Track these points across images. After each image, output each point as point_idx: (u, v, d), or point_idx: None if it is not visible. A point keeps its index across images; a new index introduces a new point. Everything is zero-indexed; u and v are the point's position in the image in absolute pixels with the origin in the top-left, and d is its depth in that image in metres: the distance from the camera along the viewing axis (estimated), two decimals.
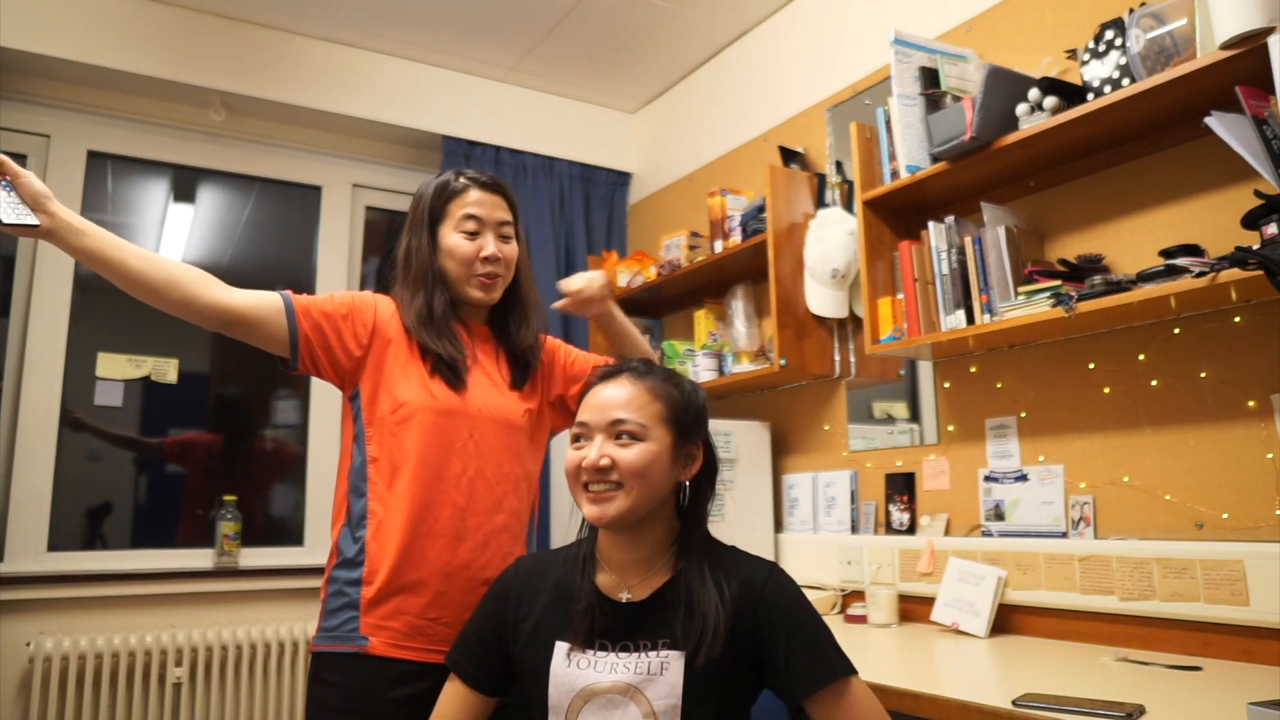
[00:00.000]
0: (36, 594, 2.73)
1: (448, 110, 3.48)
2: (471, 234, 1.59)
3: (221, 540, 3.01)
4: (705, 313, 3.07)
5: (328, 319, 1.53)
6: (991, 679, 1.66)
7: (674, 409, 1.26)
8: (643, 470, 1.20)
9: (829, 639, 1.19)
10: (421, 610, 1.45)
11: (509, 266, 1.64)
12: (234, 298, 1.48)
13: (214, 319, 1.46)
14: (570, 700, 1.19)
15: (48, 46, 2.80)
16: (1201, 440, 1.81)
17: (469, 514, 1.51)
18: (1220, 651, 1.70)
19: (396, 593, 1.45)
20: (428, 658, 1.43)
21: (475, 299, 1.61)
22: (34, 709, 2.61)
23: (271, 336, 1.50)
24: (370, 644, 1.42)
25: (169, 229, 3.26)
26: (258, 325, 1.49)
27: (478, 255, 1.58)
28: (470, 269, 1.59)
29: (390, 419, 1.52)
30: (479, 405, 1.56)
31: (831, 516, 2.63)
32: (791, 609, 1.20)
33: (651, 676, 1.17)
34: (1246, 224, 1.57)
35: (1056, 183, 2.11)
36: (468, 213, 1.60)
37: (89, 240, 1.38)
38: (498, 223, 1.62)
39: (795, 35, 3.04)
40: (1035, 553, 2.03)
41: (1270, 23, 1.48)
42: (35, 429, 2.83)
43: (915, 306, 2.14)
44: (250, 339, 1.51)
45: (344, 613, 1.46)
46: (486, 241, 1.59)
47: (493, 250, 1.59)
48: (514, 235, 1.66)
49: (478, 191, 1.62)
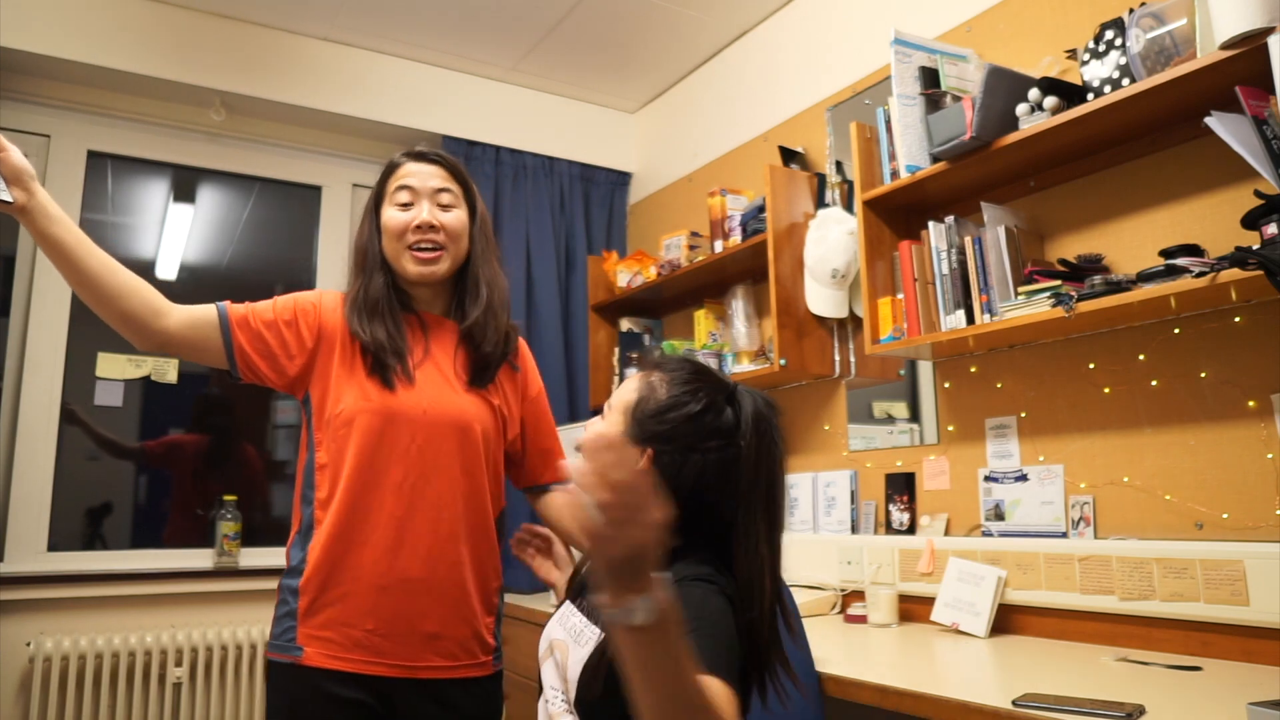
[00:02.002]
0: (36, 594, 2.73)
1: (448, 110, 3.48)
2: (405, 205, 1.52)
3: (221, 540, 3.02)
4: (705, 313, 3.07)
5: (269, 327, 1.48)
6: (991, 679, 1.66)
7: (640, 404, 1.16)
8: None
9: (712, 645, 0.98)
10: (357, 621, 1.40)
11: (453, 238, 1.53)
12: (169, 324, 1.42)
13: (150, 343, 1.42)
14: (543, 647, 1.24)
15: (48, 46, 2.80)
16: (1201, 440, 1.81)
17: (408, 523, 1.43)
18: (1220, 651, 1.70)
19: (331, 603, 1.41)
20: (366, 669, 1.39)
21: (412, 274, 1.51)
22: (34, 709, 2.61)
23: (208, 354, 1.46)
24: (305, 654, 1.39)
25: (169, 229, 3.26)
26: (192, 347, 1.45)
27: (409, 225, 1.50)
28: (402, 241, 1.50)
29: (335, 424, 1.46)
30: (424, 406, 1.47)
31: (831, 516, 2.63)
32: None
33: (579, 643, 1.15)
34: (1246, 224, 1.57)
35: (1056, 183, 2.10)
36: (400, 184, 1.53)
37: (59, 228, 1.33)
38: (433, 191, 1.53)
39: (795, 35, 3.04)
40: (1035, 553, 2.03)
41: (1270, 23, 1.48)
42: (35, 429, 2.83)
43: (915, 306, 2.14)
44: (189, 358, 1.48)
45: (285, 621, 1.43)
46: (420, 210, 1.51)
47: (426, 217, 1.49)
48: (461, 207, 1.56)
49: (413, 163, 1.55)
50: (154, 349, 1.44)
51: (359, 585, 1.41)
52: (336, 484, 1.44)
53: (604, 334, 3.52)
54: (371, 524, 1.43)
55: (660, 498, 0.75)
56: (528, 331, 3.45)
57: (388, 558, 1.42)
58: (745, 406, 1.18)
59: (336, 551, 1.42)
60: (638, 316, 3.51)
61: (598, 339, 3.52)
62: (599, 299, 3.50)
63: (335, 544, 1.42)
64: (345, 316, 1.51)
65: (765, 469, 1.15)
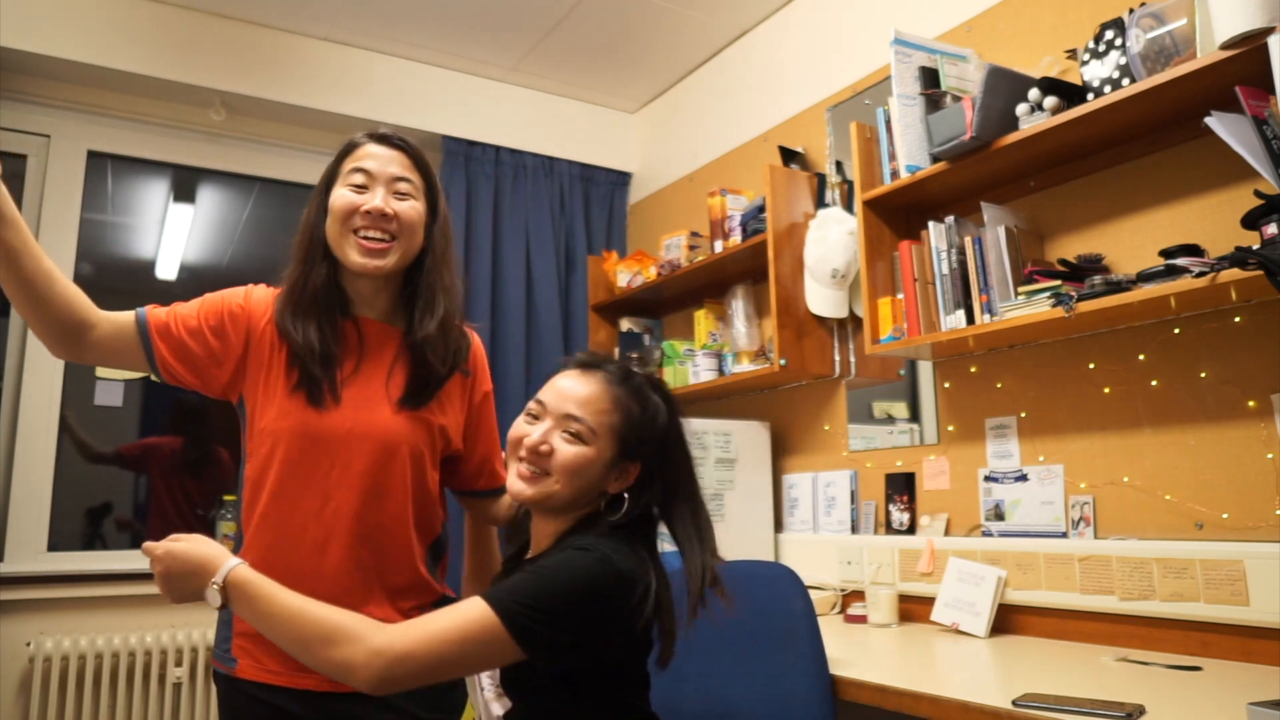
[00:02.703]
0: (36, 594, 2.73)
1: (448, 110, 3.48)
2: (359, 187, 1.37)
3: (221, 540, 3.01)
4: (705, 313, 3.07)
5: (194, 335, 1.38)
6: (991, 679, 1.66)
7: (627, 425, 1.25)
8: (574, 471, 1.22)
9: (520, 583, 1.12)
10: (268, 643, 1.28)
11: (406, 230, 1.38)
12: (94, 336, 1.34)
13: (73, 354, 1.35)
14: None
15: (48, 46, 2.80)
16: (1201, 440, 1.81)
17: (329, 549, 1.33)
18: (1220, 651, 1.70)
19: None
20: (293, 682, 1.31)
21: (355, 264, 1.36)
22: (34, 709, 2.61)
23: (129, 361, 1.38)
24: (239, 665, 1.34)
25: (169, 229, 3.26)
26: (113, 356, 1.37)
27: (356, 209, 1.35)
28: (348, 225, 1.35)
29: (260, 437, 1.36)
30: (348, 426, 1.34)
31: (831, 516, 2.63)
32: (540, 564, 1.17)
33: None
34: (1246, 224, 1.57)
35: (1056, 183, 2.10)
36: (356, 166, 1.39)
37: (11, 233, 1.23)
38: (391, 178, 1.38)
39: (795, 35, 3.04)
40: (1035, 553, 2.03)
41: (1270, 23, 1.48)
42: (35, 429, 2.83)
43: (915, 306, 2.14)
44: (112, 364, 1.40)
45: (224, 630, 1.38)
46: (373, 195, 1.36)
47: (378, 204, 1.35)
48: (420, 199, 1.41)
49: (373, 145, 1.41)
50: (74, 360, 1.36)
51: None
52: (258, 502, 1.35)
53: (604, 334, 3.52)
54: (292, 545, 1.34)
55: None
56: (527, 332, 3.45)
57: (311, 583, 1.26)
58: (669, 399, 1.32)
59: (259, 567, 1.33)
60: (638, 316, 3.51)
61: (598, 339, 3.51)
62: (599, 299, 3.50)
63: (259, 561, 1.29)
64: (276, 313, 1.39)
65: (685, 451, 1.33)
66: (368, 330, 1.42)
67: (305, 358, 1.34)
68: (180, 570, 1.13)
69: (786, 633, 1.71)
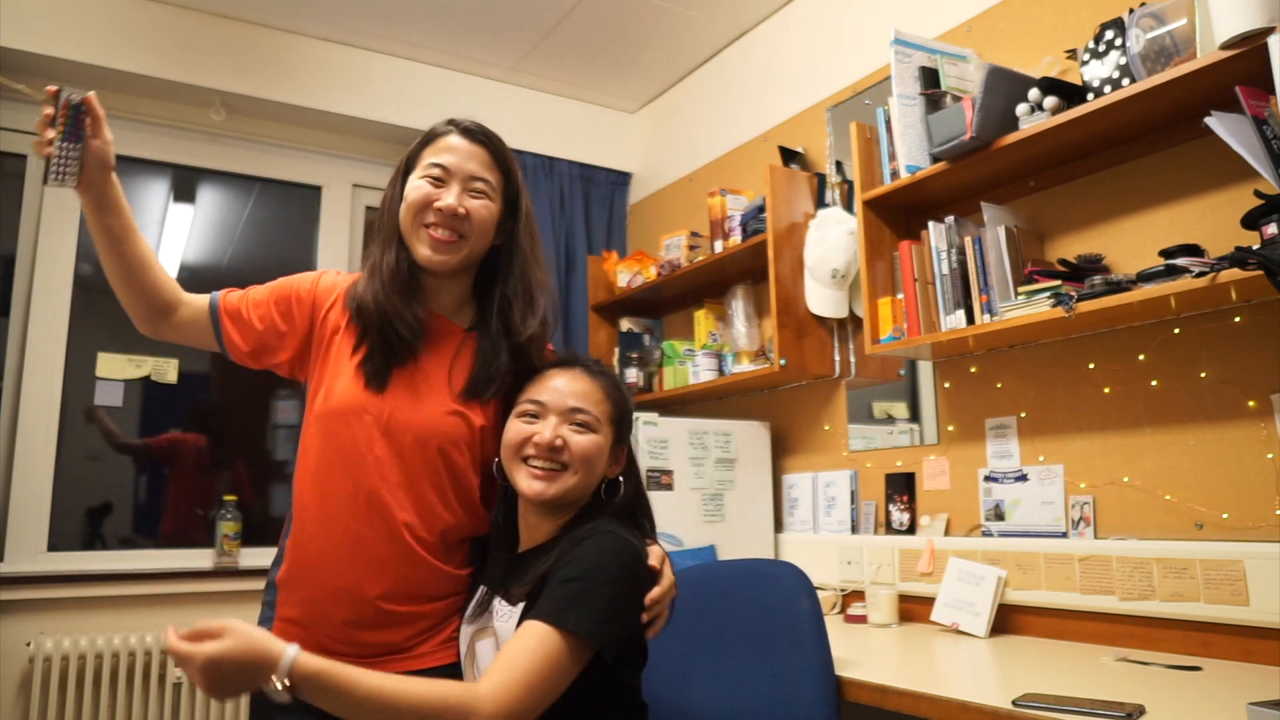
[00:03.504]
0: (36, 594, 2.73)
1: (448, 110, 3.39)
2: (436, 180, 1.36)
3: (221, 540, 3.01)
4: (705, 313, 3.07)
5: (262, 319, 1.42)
6: (991, 679, 1.66)
7: (618, 412, 1.37)
8: (591, 458, 1.30)
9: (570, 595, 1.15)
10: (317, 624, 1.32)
11: (477, 229, 1.37)
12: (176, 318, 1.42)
13: (163, 331, 1.43)
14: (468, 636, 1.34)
15: (48, 46, 2.80)
16: (1201, 440, 1.81)
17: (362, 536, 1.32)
18: (1220, 651, 1.70)
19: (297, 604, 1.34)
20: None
21: (422, 258, 1.36)
22: (34, 709, 2.61)
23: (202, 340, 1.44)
24: None
25: (169, 229, 3.26)
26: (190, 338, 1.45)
27: (430, 203, 1.35)
28: (419, 218, 1.35)
29: (313, 418, 1.38)
30: (390, 412, 1.34)
31: (831, 516, 2.63)
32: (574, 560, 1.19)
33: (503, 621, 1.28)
34: (1246, 224, 1.57)
35: (1056, 183, 2.10)
36: (435, 160, 1.37)
37: (115, 220, 1.33)
38: (468, 175, 1.37)
39: (795, 35, 3.04)
40: (1035, 553, 2.03)
41: (1270, 23, 1.48)
42: (35, 429, 2.83)
43: (915, 306, 2.14)
44: (187, 343, 1.46)
45: (266, 610, 1.38)
46: (448, 192, 1.35)
47: (451, 202, 1.34)
48: (496, 199, 1.40)
49: (456, 138, 1.39)
50: (156, 336, 1.44)
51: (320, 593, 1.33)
52: (305, 484, 1.37)
53: (604, 334, 3.52)
54: (328, 532, 1.33)
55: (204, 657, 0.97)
56: None
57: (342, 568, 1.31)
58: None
59: (299, 555, 1.35)
60: (638, 316, 3.51)
61: (598, 339, 3.52)
62: (599, 299, 3.50)
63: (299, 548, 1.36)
64: (351, 293, 1.40)
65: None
66: (431, 324, 1.41)
67: (380, 333, 1.35)
68: (233, 672, 0.99)
69: (792, 632, 1.70)
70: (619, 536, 1.23)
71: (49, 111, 1.31)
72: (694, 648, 1.82)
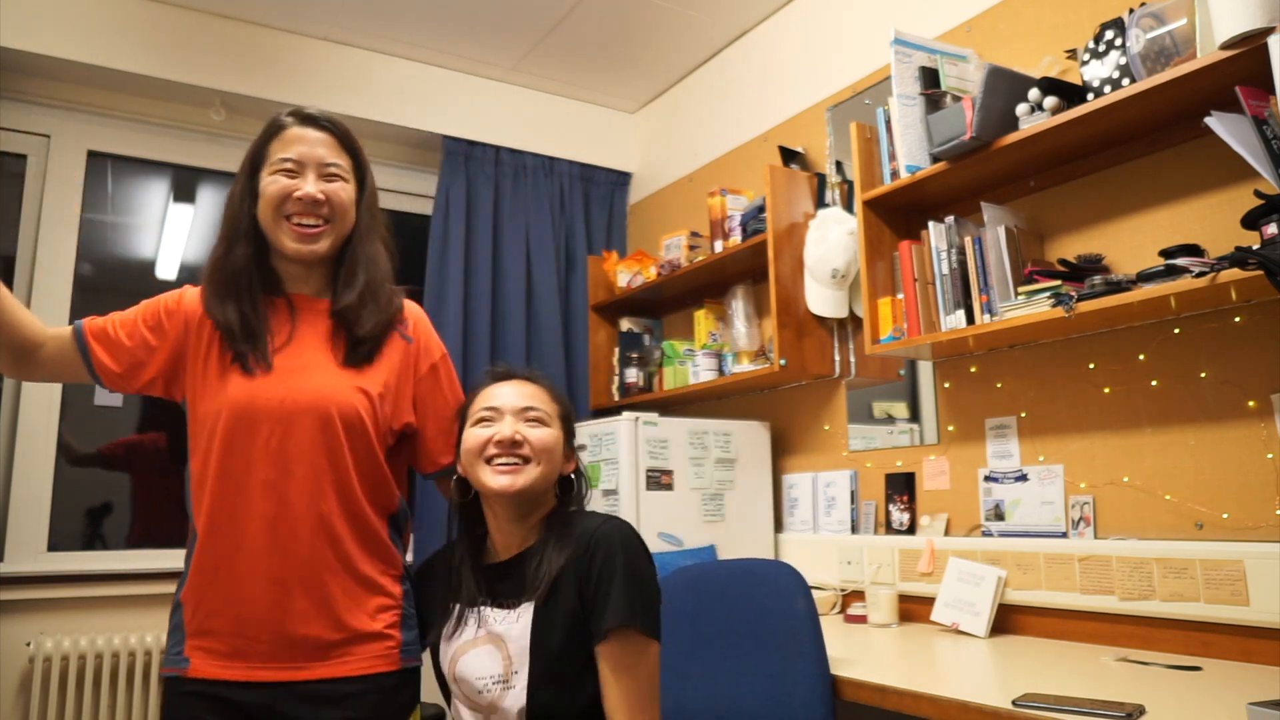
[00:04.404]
0: (36, 594, 2.72)
1: (448, 110, 3.48)
2: (290, 173, 1.39)
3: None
4: (705, 313, 3.07)
5: (131, 335, 1.42)
6: (991, 679, 1.66)
7: (564, 410, 1.47)
8: (549, 449, 1.39)
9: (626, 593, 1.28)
10: (239, 629, 1.31)
11: (339, 213, 1.40)
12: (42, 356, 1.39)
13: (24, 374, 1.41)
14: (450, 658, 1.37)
15: (48, 46, 2.80)
16: (1201, 440, 1.81)
17: (279, 523, 1.32)
18: (1220, 651, 1.70)
19: (212, 613, 1.33)
20: (248, 675, 1.31)
21: (291, 250, 1.39)
22: (34, 709, 2.61)
23: (73, 373, 1.42)
24: (191, 665, 1.32)
25: (169, 229, 3.26)
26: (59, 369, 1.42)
27: (289, 194, 1.37)
28: (281, 211, 1.38)
29: (201, 426, 1.38)
30: (281, 395, 1.34)
31: (831, 516, 2.63)
32: (610, 556, 1.31)
33: (509, 625, 1.33)
34: (1246, 224, 1.57)
35: (1056, 183, 2.11)
36: (285, 154, 1.40)
37: None
38: (320, 162, 1.40)
39: (795, 35, 3.04)
40: (1035, 553, 2.03)
41: (1270, 23, 1.48)
42: (35, 429, 2.83)
43: (915, 306, 2.14)
44: (58, 380, 1.44)
45: (176, 634, 1.36)
46: (305, 181, 1.38)
47: (310, 190, 1.37)
48: (350, 180, 1.44)
49: (299, 128, 1.42)
50: (26, 379, 1.40)
51: (242, 591, 1.32)
52: (204, 489, 1.35)
53: (604, 334, 3.52)
54: (241, 528, 1.33)
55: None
56: (527, 332, 3.44)
57: (266, 560, 1.31)
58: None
59: (210, 561, 1.34)
60: (638, 316, 3.51)
61: (598, 339, 3.52)
62: (599, 299, 3.50)
63: (209, 553, 1.34)
64: (202, 294, 1.41)
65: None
66: (300, 305, 1.44)
67: (228, 334, 1.37)
68: None
69: (788, 633, 1.70)
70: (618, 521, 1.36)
71: None
72: (691, 647, 1.83)
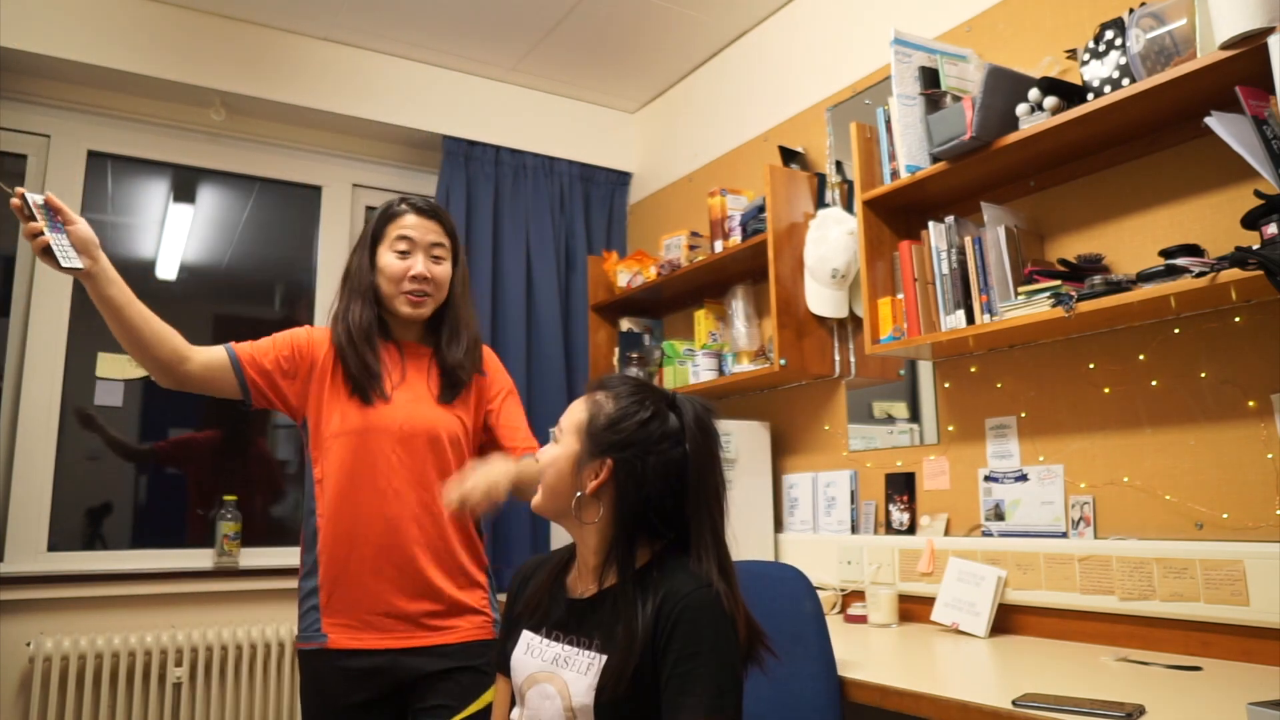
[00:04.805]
0: (36, 594, 2.73)
1: (448, 110, 3.48)
2: (403, 254, 1.76)
3: (221, 540, 3.01)
4: (705, 313, 3.07)
5: (272, 365, 1.74)
6: (991, 679, 1.66)
7: (592, 421, 1.26)
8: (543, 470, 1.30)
9: (714, 678, 1.14)
10: (369, 608, 1.67)
11: (439, 286, 1.79)
12: (190, 369, 1.67)
13: (172, 383, 1.67)
14: (522, 680, 1.29)
15: (48, 46, 2.80)
16: (1201, 440, 1.81)
17: (398, 521, 1.68)
18: (1220, 651, 1.70)
19: (344, 598, 1.68)
20: (377, 644, 1.67)
21: (404, 314, 1.77)
22: (34, 709, 2.61)
23: (225, 389, 1.72)
24: (330, 639, 1.67)
25: (169, 229, 3.26)
26: (208, 387, 1.70)
27: (406, 274, 1.75)
28: (399, 286, 1.75)
29: (327, 442, 1.72)
30: (400, 420, 1.72)
31: (831, 516, 2.63)
32: (692, 633, 1.16)
33: (578, 672, 1.22)
34: (1246, 224, 1.57)
35: (1056, 183, 2.10)
36: (401, 234, 1.76)
37: (113, 289, 1.58)
38: (429, 245, 1.78)
39: (795, 35, 3.04)
40: (1035, 553, 2.03)
41: (1270, 23, 1.48)
42: (35, 429, 2.83)
43: (915, 306, 2.14)
44: (205, 392, 1.71)
45: (310, 615, 1.70)
46: (416, 261, 1.75)
47: (421, 269, 1.75)
48: (449, 259, 1.81)
49: (413, 216, 1.78)
50: (174, 387, 1.67)
51: (366, 578, 1.67)
52: (331, 495, 1.69)
53: (604, 334, 3.52)
54: (367, 525, 1.68)
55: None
56: (527, 332, 3.46)
57: (383, 553, 1.67)
58: (686, 411, 1.27)
59: (340, 553, 1.68)
60: (638, 316, 3.51)
61: (598, 339, 3.52)
62: (599, 299, 3.50)
63: (339, 546, 1.68)
64: (333, 337, 1.75)
65: (710, 466, 1.26)
66: (407, 350, 1.81)
67: (359, 373, 1.72)
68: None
69: (795, 636, 1.70)
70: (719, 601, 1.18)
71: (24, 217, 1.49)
72: None
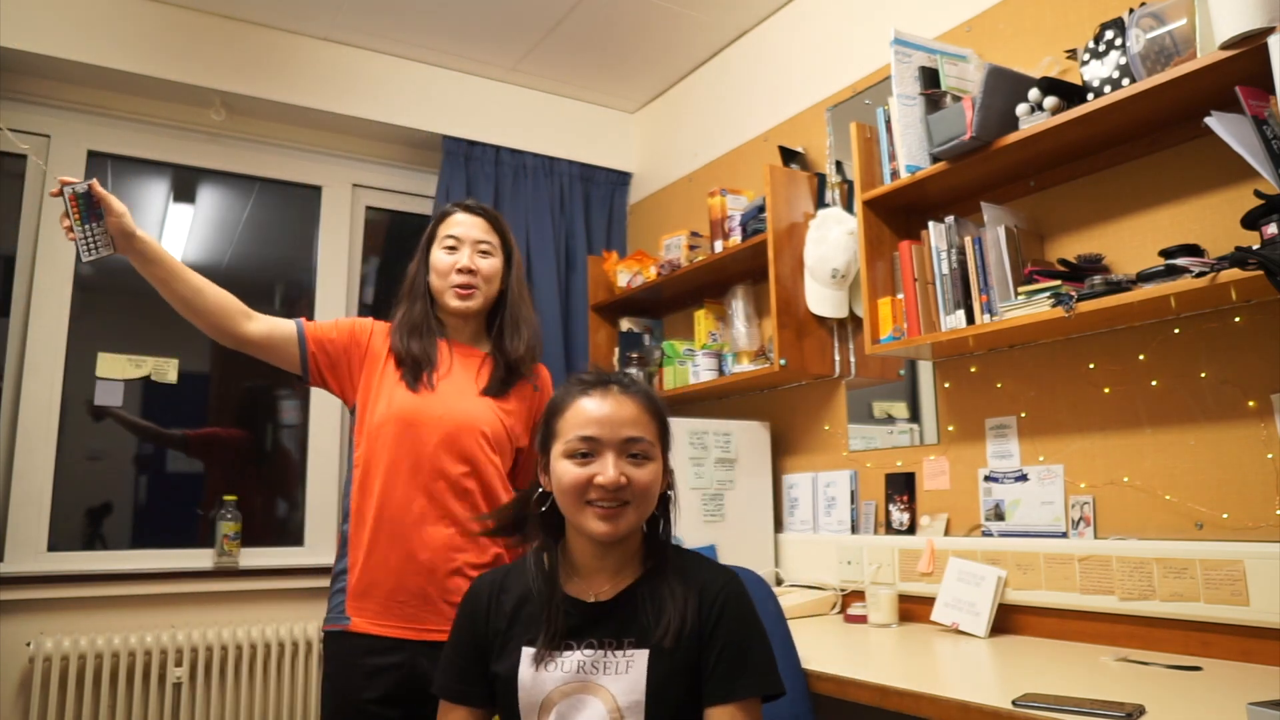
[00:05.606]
0: (36, 594, 2.73)
1: (448, 110, 3.48)
2: (451, 249, 1.85)
3: (221, 540, 3.01)
4: (705, 313, 3.07)
5: (332, 343, 1.83)
6: (991, 679, 1.66)
7: (662, 427, 1.33)
8: (650, 489, 1.27)
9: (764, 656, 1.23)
10: (391, 594, 1.71)
11: (487, 280, 1.86)
12: (256, 329, 1.77)
13: (238, 345, 1.77)
14: (539, 701, 1.21)
15: (48, 46, 2.80)
16: (1201, 440, 1.81)
17: (430, 506, 1.73)
18: (1220, 651, 1.70)
19: (372, 581, 1.72)
20: (399, 633, 1.70)
21: (453, 308, 1.84)
22: (34, 709, 2.61)
23: (286, 360, 1.81)
24: (353, 622, 1.71)
25: (169, 229, 3.26)
26: (268, 353, 1.79)
27: (453, 267, 1.83)
28: (446, 280, 1.84)
29: (370, 429, 1.77)
30: (441, 411, 1.77)
31: (831, 516, 2.63)
32: (735, 618, 1.25)
33: (617, 674, 1.20)
34: (1246, 224, 1.57)
35: (1056, 183, 2.10)
36: (449, 233, 1.86)
37: (155, 268, 1.66)
38: (475, 240, 1.86)
39: (795, 35, 3.04)
40: (1035, 553, 2.03)
41: (1270, 23, 1.48)
42: (35, 429, 2.83)
43: (915, 306, 2.13)
44: (266, 359, 1.80)
45: (337, 598, 1.76)
46: (462, 255, 1.83)
47: (466, 262, 1.82)
48: (497, 255, 1.88)
49: (461, 214, 1.88)
50: (234, 347, 1.77)
51: (394, 564, 1.71)
52: (372, 478, 1.75)
53: (604, 334, 3.52)
54: (404, 512, 1.73)
55: None
56: None
57: (416, 536, 1.72)
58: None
59: (374, 538, 1.73)
60: (638, 316, 3.51)
61: (598, 339, 3.52)
62: (599, 299, 3.50)
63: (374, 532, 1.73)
64: (391, 337, 1.84)
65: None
66: (456, 350, 1.88)
67: (409, 362, 1.79)
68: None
69: None
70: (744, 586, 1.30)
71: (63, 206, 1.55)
72: None
